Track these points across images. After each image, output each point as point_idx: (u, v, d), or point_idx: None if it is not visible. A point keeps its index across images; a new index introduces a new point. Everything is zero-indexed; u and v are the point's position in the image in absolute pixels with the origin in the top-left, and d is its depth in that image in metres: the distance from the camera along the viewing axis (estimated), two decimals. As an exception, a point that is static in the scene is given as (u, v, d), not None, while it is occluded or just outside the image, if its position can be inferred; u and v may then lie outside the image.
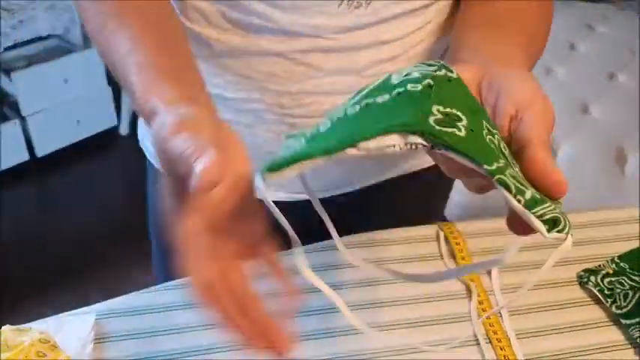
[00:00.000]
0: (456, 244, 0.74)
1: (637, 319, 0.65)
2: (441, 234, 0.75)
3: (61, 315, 0.64)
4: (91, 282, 1.89)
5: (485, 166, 0.36)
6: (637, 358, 0.63)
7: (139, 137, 0.86)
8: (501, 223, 0.79)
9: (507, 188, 0.37)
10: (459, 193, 1.75)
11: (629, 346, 0.64)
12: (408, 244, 0.75)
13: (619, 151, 1.77)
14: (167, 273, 0.92)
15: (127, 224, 2.13)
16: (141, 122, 0.84)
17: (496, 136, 0.39)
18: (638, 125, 1.84)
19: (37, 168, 2.22)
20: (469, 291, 0.69)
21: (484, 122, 0.39)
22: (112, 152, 2.40)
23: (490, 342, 0.64)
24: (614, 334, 0.66)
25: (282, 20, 0.62)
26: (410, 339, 0.64)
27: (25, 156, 2.15)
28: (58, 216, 2.13)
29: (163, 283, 0.92)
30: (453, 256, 0.73)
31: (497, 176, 0.36)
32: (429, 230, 0.76)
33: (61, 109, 2.18)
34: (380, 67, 0.67)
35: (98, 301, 0.66)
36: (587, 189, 1.72)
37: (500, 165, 0.37)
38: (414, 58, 0.69)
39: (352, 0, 0.61)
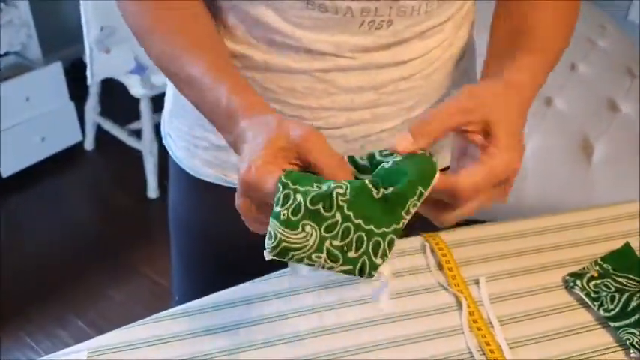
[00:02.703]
0: (443, 255, 0.74)
1: (625, 321, 0.66)
2: (427, 245, 0.76)
3: (51, 355, 0.62)
4: (65, 302, 1.85)
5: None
6: (627, 359, 0.65)
7: (163, 135, 0.85)
8: (484, 230, 0.80)
9: None
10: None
11: (619, 349, 0.66)
12: (396, 257, 0.75)
13: (584, 141, 1.80)
14: (186, 273, 0.92)
15: (98, 241, 2.09)
16: (164, 118, 0.84)
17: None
18: (602, 114, 1.88)
19: (2, 189, 2.18)
20: (459, 303, 0.70)
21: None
22: (78, 168, 2.36)
23: (484, 353, 0.65)
24: (604, 337, 0.67)
25: (303, 39, 0.64)
26: (405, 356, 0.64)
27: (-11, 177, 2.11)
28: (28, 236, 2.09)
29: (182, 284, 0.92)
30: (440, 267, 0.74)
31: None
32: (414, 242, 0.77)
33: (24, 128, 2.13)
34: (397, 84, 0.69)
35: (74, 322, 0.65)
36: (555, 179, 1.75)
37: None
38: (431, 76, 0.71)
39: (373, 21, 0.62)
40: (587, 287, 0.70)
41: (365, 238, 0.49)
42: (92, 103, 2.30)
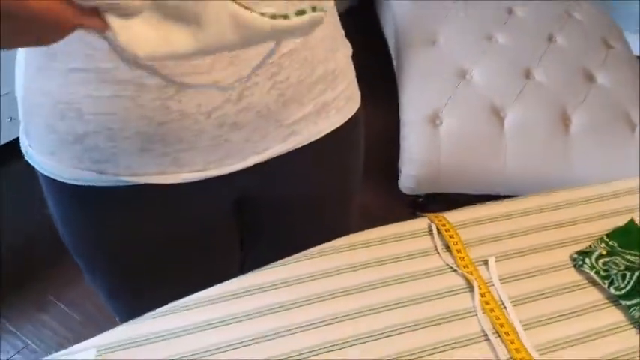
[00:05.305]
0: (450, 236, 0.74)
1: (637, 299, 0.66)
2: (434, 227, 0.75)
3: (58, 354, 0.60)
4: (44, 286, 1.82)
5: None
6: (638, 338, 0.65)
7: (24, 151, 0.75)
8: (488, 210, 0.79)
9: None
10: (411, 166, 1.76)
11: (631, 327, 0.66)
12: (403, 240, 0.74)
13: (563, 112, 1.81)
14: (114, 292, 0.86)
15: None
16: (22, 132, 0.75)
17: None
18: (579, 85, 1.89)
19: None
20: (469, 285, 0.69)
21: None
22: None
23: (499, 335, 0.64)
24: (614, 316, 0.67)
25: None
26: (418, 341, 0.64)
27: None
28: (1, 219, 2.04)
29: (117, 307, 0.87)
30: (448, 248, 0.73)
31: None
32: (420, 224, 0.76)
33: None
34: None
35: (56, 305, 0.63)
36: (536, 151, 1.76)
37: None
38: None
39: None
40: (596, 265, 0.70)
41: None
42: (62, 82, 2.24)
